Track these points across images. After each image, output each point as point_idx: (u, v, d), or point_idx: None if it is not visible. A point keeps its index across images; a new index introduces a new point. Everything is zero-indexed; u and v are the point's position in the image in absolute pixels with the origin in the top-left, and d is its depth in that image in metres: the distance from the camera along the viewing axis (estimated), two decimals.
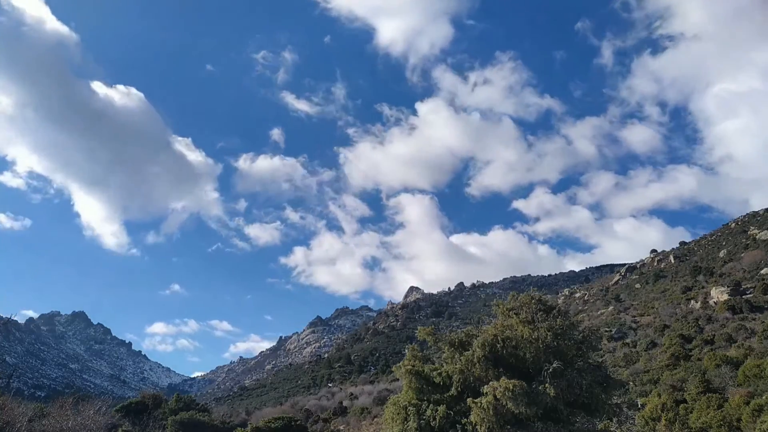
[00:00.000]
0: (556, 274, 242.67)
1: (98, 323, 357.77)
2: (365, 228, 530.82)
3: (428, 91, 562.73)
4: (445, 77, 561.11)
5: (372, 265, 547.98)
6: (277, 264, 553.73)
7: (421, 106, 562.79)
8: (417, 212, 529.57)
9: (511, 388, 14.93)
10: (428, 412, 16.51)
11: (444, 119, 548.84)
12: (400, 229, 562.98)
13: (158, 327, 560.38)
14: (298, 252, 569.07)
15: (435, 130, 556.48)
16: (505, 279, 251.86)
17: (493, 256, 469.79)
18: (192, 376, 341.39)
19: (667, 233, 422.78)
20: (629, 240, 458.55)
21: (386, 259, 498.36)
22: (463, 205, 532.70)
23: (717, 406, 23.92)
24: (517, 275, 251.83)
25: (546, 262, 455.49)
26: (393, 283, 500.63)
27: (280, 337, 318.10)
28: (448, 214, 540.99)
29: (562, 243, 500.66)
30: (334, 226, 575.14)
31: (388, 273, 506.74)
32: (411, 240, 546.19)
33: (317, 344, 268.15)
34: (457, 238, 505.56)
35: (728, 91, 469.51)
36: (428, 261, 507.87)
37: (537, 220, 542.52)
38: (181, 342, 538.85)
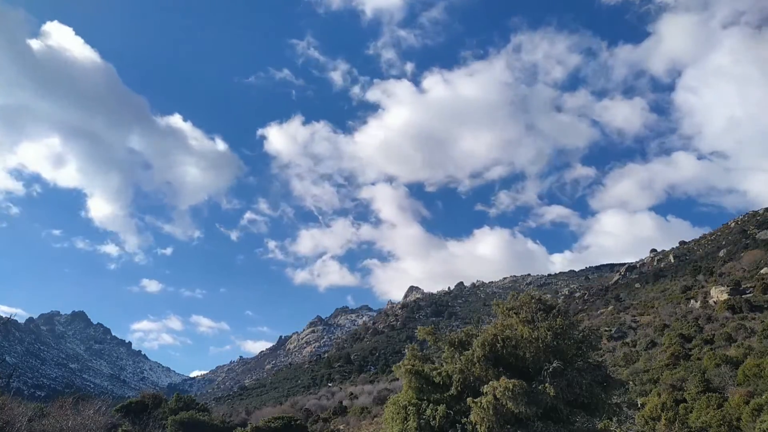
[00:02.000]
0: (556, 273, 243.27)
1: (98, 323, 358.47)
2: (344, 221, 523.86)
3: (401, 73, 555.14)
4: (413, 62, 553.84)
5: (353, 260, 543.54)
6: (255, 258, 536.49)
7: (394, 90, 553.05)
8: (394, 205, 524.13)
9: (511, 387, 14.93)
10: (428, 411, 16.50)
11: (416, 104, 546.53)
12: (386, 225, 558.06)
13: (141, 324, 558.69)
14: (272, 245, 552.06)
15: (406, 115, 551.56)
16: (505, 278, 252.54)
17: (482, 252, 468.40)
18: (192, 375, 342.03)
19: (661, 226, 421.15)
20: (622, 234, 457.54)
21: (368, 255, 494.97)
22: (444, 199, 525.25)
23: (717, 406, 23.92)
24: (517, 274, 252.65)
25: (538, 258, 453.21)
26: (380, 281, 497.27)
27: (280, 336, 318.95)
28: (429, 207, 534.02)
29: (551, 238, 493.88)
30: (311, 219, 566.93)
31: (373, 270, 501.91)
32: (392, 235, 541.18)
33: (317, 344, 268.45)
34: (441, 234, 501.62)
35: (718, 73, 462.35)
36: (412, 256, 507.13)
37: (524, 215, 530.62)
38: (165, 338, 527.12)
